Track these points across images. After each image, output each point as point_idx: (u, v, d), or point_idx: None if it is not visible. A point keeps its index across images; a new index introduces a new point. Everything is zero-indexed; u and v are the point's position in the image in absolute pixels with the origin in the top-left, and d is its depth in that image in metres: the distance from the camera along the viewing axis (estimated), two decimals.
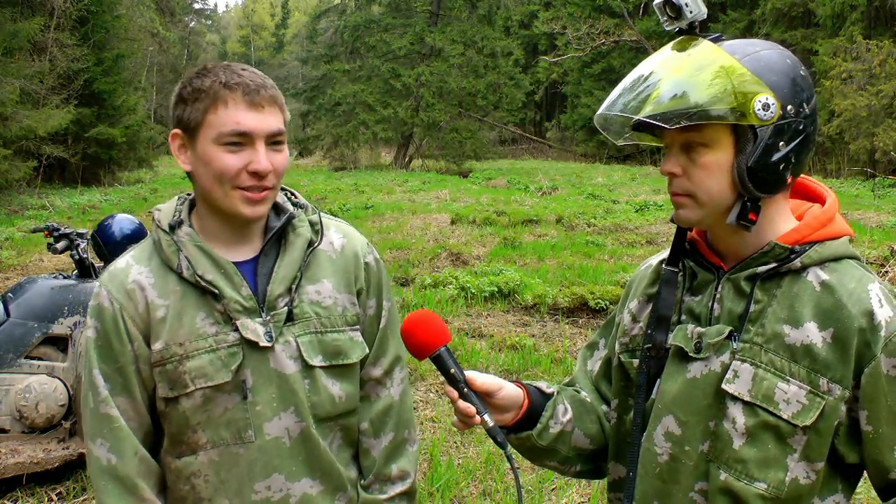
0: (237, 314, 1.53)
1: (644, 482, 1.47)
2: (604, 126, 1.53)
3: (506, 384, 1.49)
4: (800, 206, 1.49)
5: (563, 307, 7.75)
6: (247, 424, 1.54)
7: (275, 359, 1.55)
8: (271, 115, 1.50)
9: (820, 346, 1.34)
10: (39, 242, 10.65)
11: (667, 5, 1.39)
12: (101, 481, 1.52)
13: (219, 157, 1.48)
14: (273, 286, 1.56)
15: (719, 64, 1.33)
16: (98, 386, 1.52)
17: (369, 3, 36.15)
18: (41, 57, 18.35)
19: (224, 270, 1.54)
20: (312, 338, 1.59)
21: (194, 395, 1.52)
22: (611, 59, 38.02)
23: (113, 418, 1.52)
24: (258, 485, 1.56)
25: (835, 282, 1.36)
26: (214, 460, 1.55)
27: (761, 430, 1.36)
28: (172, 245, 1.56)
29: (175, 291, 1.54)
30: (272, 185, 1.52)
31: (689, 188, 1.39)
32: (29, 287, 4.19)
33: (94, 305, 1.55)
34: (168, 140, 1.59)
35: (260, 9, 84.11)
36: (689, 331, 1.44)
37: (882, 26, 25.50)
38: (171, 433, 1.56)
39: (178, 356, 1.52)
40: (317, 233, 1.64)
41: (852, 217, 13.87)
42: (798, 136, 1.35)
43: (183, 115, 1.51)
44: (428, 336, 1.43)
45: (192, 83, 1.51)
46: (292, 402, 1.56)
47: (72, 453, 3.94)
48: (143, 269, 1.56)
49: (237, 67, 1.52)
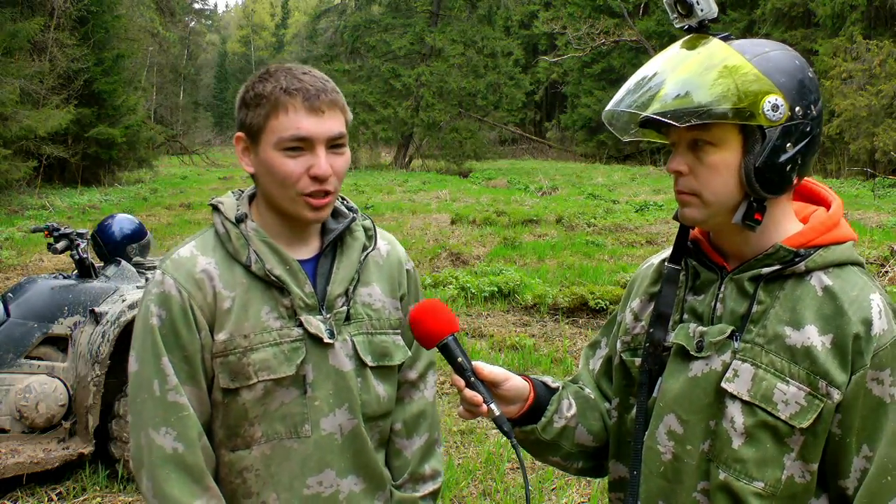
0: (300, 311, 1.56)
1: (648, 481, 1.47)
2: (611, 122, 1.52)
3: (512, 376, 1.50)
4: (804, 209, 1.49)
5: (563, 307, 7.75)
6: (304, 419, 1.56)
7: (334, 356, 1.59)
8: (331, 119, 1.52)
9: (820, 349, 1.34)
10: (39, 242, 10.65)
11: (678, 3, 1.39)
12: (164, 470, 1.49)
13: (280, 163, 1.50)
14: (333, 286, 1.60)
15: (729, 63, 1.33)
16: (167, 374, 1.51)
17: (369, 3, 36.17)
18: (41, 57, 18.35)
19: (290, 267, 1.57)
20: (364, 338, 1.63)
21: (256, 387, 1.54)
22: (611, 59, 38.04)
23: (181, 406, 1.51)
24: (310, 479, 1.58)
25: (837, 288, 1.37)
26: (266, 454, 1.56)
27: (760, 429, 1.36)
28: (241, 238, 1.57)
29: (241, 284, 1.55)
30: (333, 189, 1.54)
31: (695, 187, 1.39)
32: (29, 287, 4.19)
33: (160, 293, 1.53)
34: (233, 142, 1.61)
35: (260, 9, 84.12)
36: (691, 330, 1.44)
37: (882, 26, 25.51)
38: (228, 425, 1.56)
39: (243, 348, 1.53)
40: (370, 238, 1.69)
41: (852, 217, 13.87)
42: (805, 137, 1.36)
43: (245, 120, 1.54)
44: (436, 325, 1.44)
45: (254, 88, 1.53)
46: (347, 399, 1.60)
47: (72, 453, 3.94)
48: (210, 259, 1.57)
49: (298, 71, 1.53)
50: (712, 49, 1.36)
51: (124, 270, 4.35)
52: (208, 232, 1.63)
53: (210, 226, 1.64)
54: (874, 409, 1.34)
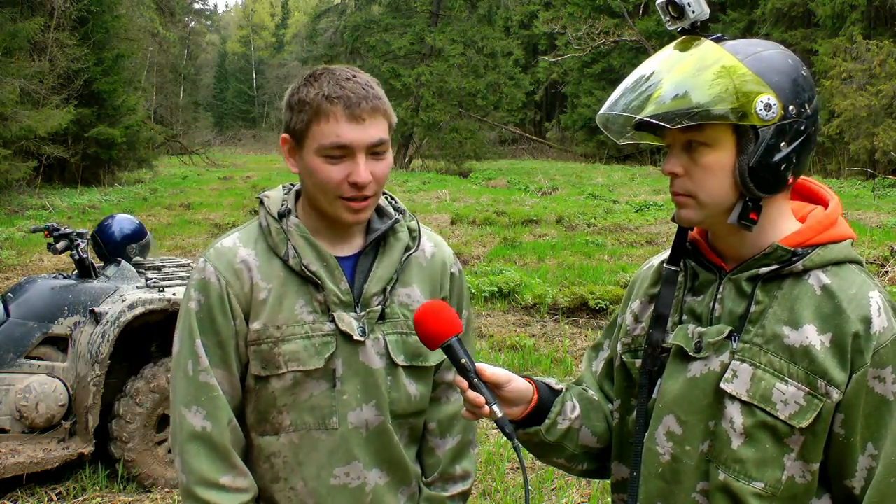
0: (334, 307, 1.61)
1: (648, 482, 1.47)
2: (605, 125, 1.53)
3: (515, 377, 1.50)
4: (802, 208, 1.49)
5: (563, 307, 7.75)
6: (332, 412, 1.61)
7: (364, 353, 1.62)
8: (373, 126, 1.54)
9: (818, 348, 1.34)
10: (39, 242, 10.65)
11: (669, 5, 1.39)
12: (192, 446, 1.57)
13: (321, 169, 1.54)
14: (370, 285, 1.64)
15: (721, 64, 1.33)
16: (200, 356, 1.58)
17: (369, 3, 36.16)
18: (41, 57, 18.33)
19: (327, 263, 1.61)
20: (399, 338, 1.66)
21: (285, 377, 1.59)
22: (611, 59, 38.03)
23: (212, 387, 1.58)
24: (338, 470, 1.63)
25: (836, 287, 1.36)
26: (295, 443, 1.62)
27: (759, 430, 1.36)
28: (281, 233, 1.62)
29: (279, 276, 1.61)
30: (373, 194, 1.58)
31: (690, 188, 1.39)
32: (29, 287, 4.19)
33: (200, 280, 1.61)
34: (279, 144, 1.65)
35: (260, 9, 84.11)
36: (689, 331, 1.44)
37: (882, 26, 25.51)
38: (259, 411, 1.63)
39: (275, 338, 1.59)
40: (414, 239, 1.71)
41: (852, 217, 13.87)
42: (800, 136, 1.35)
43: (290, 123, 1.58)
44: (440, 326, 1.45)
45: (299, 92, 1.57)
46: (375, 396, 1.63)
47: (72, 453, 3.94)
48: (251, 251, 1.62)
49: (342, 77, 1.56)
50: (705, 50, 1.36)
51: (124, 270, 4.35)
52: (253, 224, 1.69)
53: (256, 218, 1.69)
54: (877, 408, 1.34)
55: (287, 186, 1.72)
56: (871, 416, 1.34)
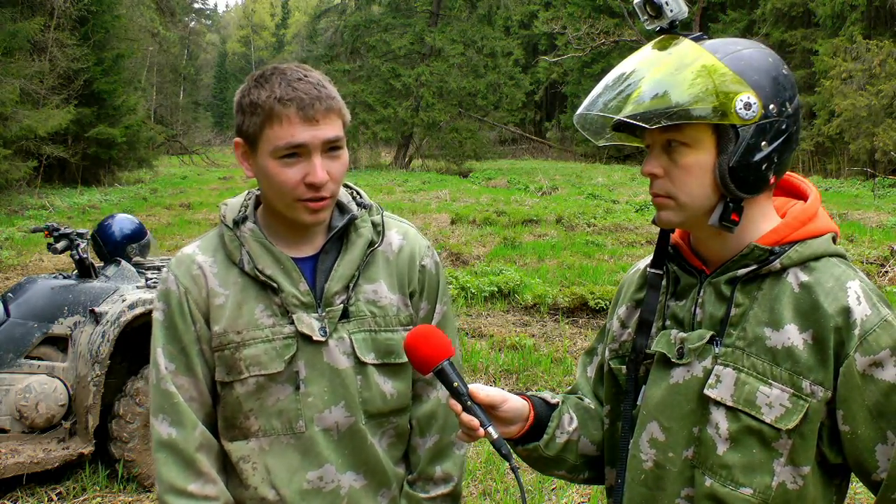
0: (294, 308, 1.59)
1: (631, 489, 1.46)
2: (583, 126, 1.50)
3: (510, 396, 1.47)
4: (785, 205, 1.46)
5: (563, 307, 7.75)
6: (298, 415, 1.59)
7: (328, 353, 1.60)
8: (326, 125, 1.51)
9: (801, 348, 1.32)
10: (39, 242, 10.65)
11: (647, 4, 1.37)
12: (160, 454, 1.58)
13: (277, 172, 1.51)
14: (331, 283, 1.61)
15: (701, 63, 1.31)
16: (160, 364, 1.60)
17: (369, 3, 36.15)
18: (41, 57, 18.33)
19: (283, 266, 1.59)
20: (367, 335, 1.63)
21: (248, 381, 1.58)
22: (611, 59, 37.98)
23: (172, 394, 1.58)
24: (310, 474, 1.61)
25: (813, 281, 1.34)
26: (265, 449, 1.61)
27: (745, 434, 1.34)
28: (235, 241, 1.62)
29: (236, 283, 1.60)
30: (330, 194, 1.55)
31: (670, 189, 1.37)
32: (29, 287, 4.19)
33: (163, 290, 1.63)
34: (233, 148, 1.63)
35: (260, 9, 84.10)
36: (672, 336, 1.42)
37: (882, 26, 25.51)
38: (226, 416, 1.62)
39: (236, 343, 1.58)
40: (378, 233, 1.67)
41: (852, 217, 13.88)
42: (781, 135, 1.33)
43: (242, 126, 1.55)
44: (431, 350, 1.43)
45: (249, 94, 1.53)
46: (343, 397, 1.61)
47: (72, 453, 3.94)
48: (209, 258, 1.63)
49: (293, 77, 1.52)
50: (684, 49, 1.34)
51: (124, 270, 4.35)
52: (214, 232, 1.69)
53: (218, 225, 1.70)
54: (887, 395, 1.30)
55: (251, 192, 1.69)
56: (884, 404, 1.30)
